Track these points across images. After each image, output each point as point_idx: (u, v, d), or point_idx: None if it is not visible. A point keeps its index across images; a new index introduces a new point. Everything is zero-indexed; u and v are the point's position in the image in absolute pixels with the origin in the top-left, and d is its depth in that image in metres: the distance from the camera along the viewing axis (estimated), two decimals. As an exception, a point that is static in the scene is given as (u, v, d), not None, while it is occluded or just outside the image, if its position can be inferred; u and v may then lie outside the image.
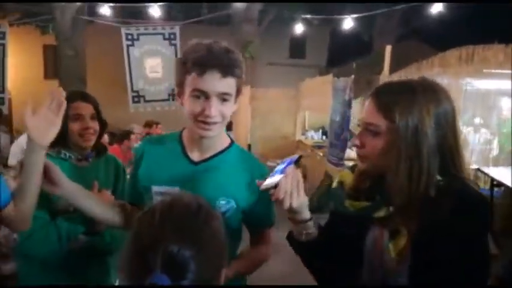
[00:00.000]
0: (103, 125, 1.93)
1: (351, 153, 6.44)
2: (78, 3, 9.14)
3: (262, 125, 8.09)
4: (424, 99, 1.03)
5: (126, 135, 5.45)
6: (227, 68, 1.22)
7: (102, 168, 1.94)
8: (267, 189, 1.11)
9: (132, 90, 7.73)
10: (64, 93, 1.27)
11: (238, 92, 1.31)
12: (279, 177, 1.09)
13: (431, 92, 1.06)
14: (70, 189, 1.34)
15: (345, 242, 1.15)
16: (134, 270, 0.80)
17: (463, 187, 1.03)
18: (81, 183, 1.40)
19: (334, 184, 1.26)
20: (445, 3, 7.48)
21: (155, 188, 1.38)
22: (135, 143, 5.83)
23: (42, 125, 1.24)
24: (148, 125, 7.32)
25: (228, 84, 1.25)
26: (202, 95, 1.24)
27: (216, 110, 1.25)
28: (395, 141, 1.03)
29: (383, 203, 1.08)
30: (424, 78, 1.12)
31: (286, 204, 1.09)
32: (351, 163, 5.34)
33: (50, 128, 1.25)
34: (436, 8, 7.51)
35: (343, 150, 5.32)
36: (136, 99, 7.61)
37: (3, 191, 1.29)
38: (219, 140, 1.39)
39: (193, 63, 1.22)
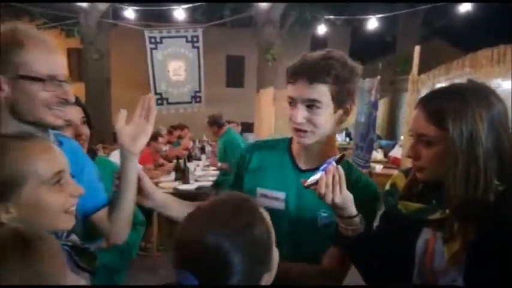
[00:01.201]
0: (91, 128, 1.79)
1: (377, 155, 6.38)
2: (103, 7, 9.28)
3: (285, 126, 8.05)
4: (475, 103, 1.00)
5: (154, 137, 5.48)
6: (316, 75, 1.24)
7: None
8: (310, 186, 1.14)
9: (155, 93, 7.82)
10: (154, 100, 1.29)
11: (338, 100, 1.28)
12: (320, 174, 1.12)
13: (481, 95, 1.03)
14: (160, 201, 1.39)
15: (396, 243, 1.14)
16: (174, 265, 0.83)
17: None
18: None
19: (387, 186, 1.25)
20: (473, 3, 7.31)
21: (260, 190, 1.40)
22: (163, 145, 5.89)
23: (134, 133, 1.26)
24: (180, 128, 7.48)
25: (316, 91, 1.25)
26: (292, 101, 1.29)
27: (301, 116, 1.27)
28: (450, 149, 1.01)
29: (439, 206, 1.07)
30: (471, 80, 1.10)
31: (328, 199, 1.11)
32: (377, 165, 5.27)
33: (141, 136, 1.27)
34: (464, 8, 7.34)
35: (370, 152, 5.26)
36: (159, 101, 7.69)
37: (101, 193, 1.34)
38: (327, 151, 1.36)
39: (288, 72, 1.29)
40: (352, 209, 1.17)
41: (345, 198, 1.13)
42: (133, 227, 1.87)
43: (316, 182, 1.12)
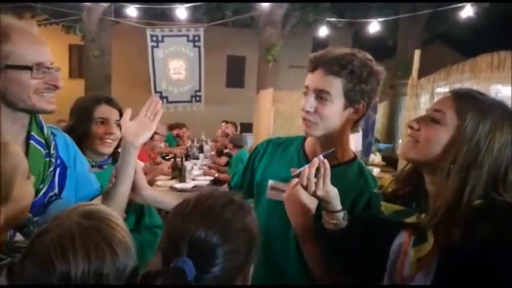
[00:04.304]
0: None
1: (375, 158, 6.38)
2: (105, 4, 9.28)
3: (284, 128, 8.06)
4: (502, 115, 0.98)
5: None
6: (332, 67, 1.26)
7: (109, 176, 1.88)
8: (296, 177, 1.18)
9: (156, 91, 7.81)
10: (161, 103, 1.40)
11: (349, 97, 1.28)
12: (306, 166, 1.15)
13: (510, 114, 1.00)
14: (151, 197, 1.48)
15: (372, 244, 1.15)
16: (165, 256, 0.84)
17: (506, 207, 0.96)
18: None
19: (376, 189, 1.25)
20: (474, 8, 7.31)
21: (271, 182, 1.43)
22: (159, 142, 5.89)
23: (137, 128, 1.36)
24: (178, 127, 7.55)
25: (328, 82, 1.27)
26: (306, 91, 1.32)
27: (310, 105, 1.29)
28: (457, 141, 0.98)
29: (417, 210, 1.06)
30: (503, 101, 1.07)
31: (310, 191, 1.14)
32: (374, 168, 5.25)
33: (144, 132, 1.38)
34: (466, 13, 7.34)
35: (367, 155, 5.26)
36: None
37: (93, 184, 1.38)
38: (339, 150, 1.36)
39: (309, 62, 1.32)
40: (335, 204, 1.19)
41: (328, 192, 1.15)
42: (150, 230, 1.92)
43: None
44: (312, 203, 1.25)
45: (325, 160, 1.15)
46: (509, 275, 0.87)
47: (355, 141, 4.59)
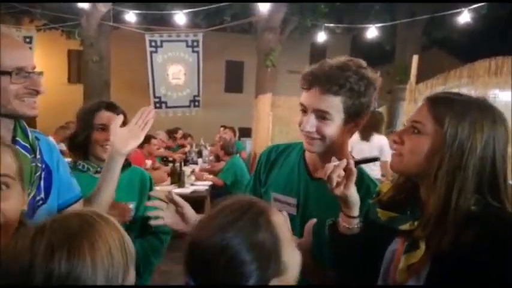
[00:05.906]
0: None
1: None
2: (104, 10, 9.30)
3: (283, 133, 8.07)
4: (480, 114, 0.98)
5: (146, 139, 5.47)
6: (330, 86, 1.22)
7: (123, 181, 1.82)
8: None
9: (155, 96, 7.82)
10: (153, 112, 1.41)
11: (350, 113, 1.25)
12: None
13: (489, 110, 1.00)
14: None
15: (370, 250, 1.14)
16: (191, 271, 0.83)
17: (499, 214, 0.95)
18: None
19: (374, 195, 1.23)
20: (472, 14, 7.35)
21: (274, 194, 1.43)
22: (157, 147, 5.88)
23: (126, 136, 1.37)
24: (184, 137, 7.65)
25: (328, 102, 1.23)
26: (304, 109, 1.28)
27: (310, 125, 1.26)
28: (439, 148, 0.98)
29: (411, 217, 1.06)
30: (483, 98, 1.06)
31: (330, 186, 1.12)
32: (374, 173, 5.18)
33: (132, 140, 1.38)
34: (463, 19, 7.37)
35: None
36: (158, 105, 7.70)
37: (75, 188, 1.37)
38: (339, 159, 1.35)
39: (303, 79, 1.27)
40: (352, 210, 1.17)
41: (347, 195, 1.13)
42: (156, 236, 1.91)
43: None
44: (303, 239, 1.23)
45: (352, 165, 1.12)
46: (497, 282, 0.88)
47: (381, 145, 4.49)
